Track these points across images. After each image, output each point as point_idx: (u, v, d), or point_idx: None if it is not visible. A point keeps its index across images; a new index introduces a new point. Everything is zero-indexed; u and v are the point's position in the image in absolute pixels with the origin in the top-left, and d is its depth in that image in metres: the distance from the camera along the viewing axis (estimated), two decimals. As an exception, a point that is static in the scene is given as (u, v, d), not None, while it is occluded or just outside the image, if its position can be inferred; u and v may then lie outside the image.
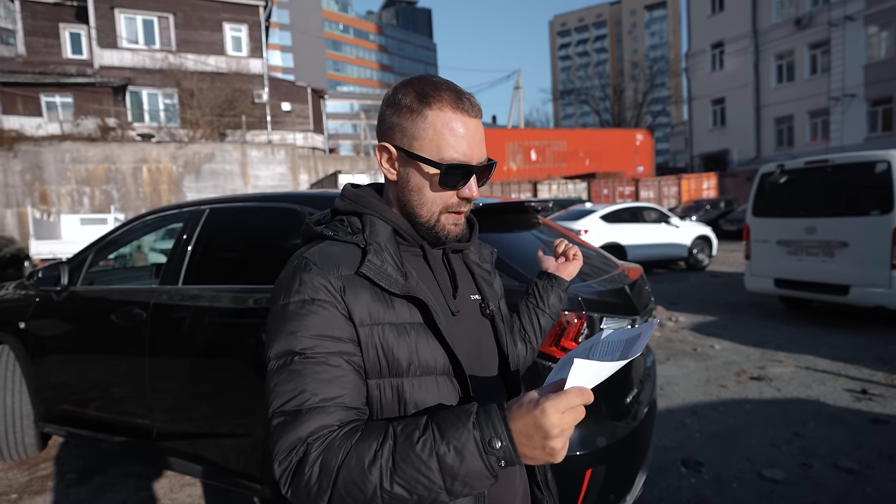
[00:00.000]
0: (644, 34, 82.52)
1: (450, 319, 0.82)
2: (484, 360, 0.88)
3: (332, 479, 0.63)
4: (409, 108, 0.79)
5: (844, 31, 21.31)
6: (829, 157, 5.65)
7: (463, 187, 0.81)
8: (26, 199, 15.16)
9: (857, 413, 3.40)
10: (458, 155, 0.79)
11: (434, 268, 0.85)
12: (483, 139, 0.83)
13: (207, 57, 20.56)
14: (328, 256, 0.78)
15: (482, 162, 0.82)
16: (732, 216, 17.33)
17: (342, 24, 74.08)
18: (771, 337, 5.37)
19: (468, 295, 0.90)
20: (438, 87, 0.80)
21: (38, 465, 3.04)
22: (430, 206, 0.82)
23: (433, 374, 0.77)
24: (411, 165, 0.81)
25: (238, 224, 2.48)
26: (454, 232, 0.84)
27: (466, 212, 0.86)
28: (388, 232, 0.82)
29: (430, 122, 0.78)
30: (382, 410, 0.75)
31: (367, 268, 0.76)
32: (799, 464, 2.78)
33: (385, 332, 0.75)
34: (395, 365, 0.75)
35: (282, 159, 18.21)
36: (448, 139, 0.78)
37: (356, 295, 0.75)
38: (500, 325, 0.93)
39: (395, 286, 0.76)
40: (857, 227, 5.26)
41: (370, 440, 0.63)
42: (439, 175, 0.79)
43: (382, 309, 0.76)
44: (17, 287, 3.12)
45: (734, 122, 26.48)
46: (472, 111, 0.81)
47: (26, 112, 18.08)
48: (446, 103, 0.78)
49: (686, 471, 2.76)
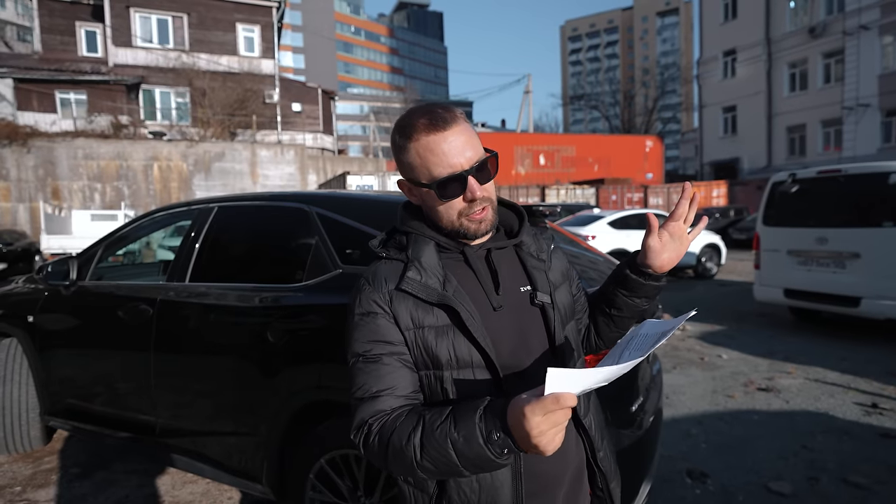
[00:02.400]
0: (656, 41, 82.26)
1: (490, 316, 0.91)
2: (532, 348, 0.94)
3: (385, 451, 0.82)
4: (399, 146, 0.92)
5: (859, 40, 21.12)
6: (842, 167, 5.58)
7: (464, 192, 0.89)
8: (38, 194, 15.35)
9: (867, 427, 3.34)
10: (445, 169, 0.88)
11: (476, 269, 0.94)
12: (468, 143, 0.89)
13: (220, 57, 20.75)
14: (378, 275, 0.93)
15: (474, 163, 0.89)
16: (742, 225, 17.18)
17: (353, 26, 74.50)
18: (779, 348, 5.30)
19: (517, 287, 0.96)
20: (413, 116, 0.90)
21: (43, 459, 3.06)
22: (447, 218, 0.92)
23: (470, 367, 0.89)
24: (419, 191, 0.94)
25: (246, 223, 2.48)
26: (481, 229, 0.92)
27: (489, 208, 0.92)
28: (430, 246, 0.94)
29: (413, 152, 0.90)
30: (431, 395, 0.91)
31: (406, 283, 0.90)
32: (807, 477, 2.73)
33: (426, 334, 0.89)
34: (435, 361, 0.89)
35: (291, 159, 18.31)
36: (431, 160, 0.88)
37: (400, 304, 0.90)
38: (550, 314, 0.96)
39: (431, 296, 0.89)
40: (870, 238, 5.19)
41: (408, 424, 0.81)
42: (436, 192, 0.89)
43: (423, 314, 0.90)
44: (27, 281, 3.15)
45: (745, 131, 26.30)
46: (445, 126, 0.88)
47: (41, 108, 18.33)
48: (420, 130, 0.88)
49: (691, 482, 2.72)
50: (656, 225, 0.99)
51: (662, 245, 0.99)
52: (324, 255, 1.99)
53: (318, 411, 1.91)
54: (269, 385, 1.98)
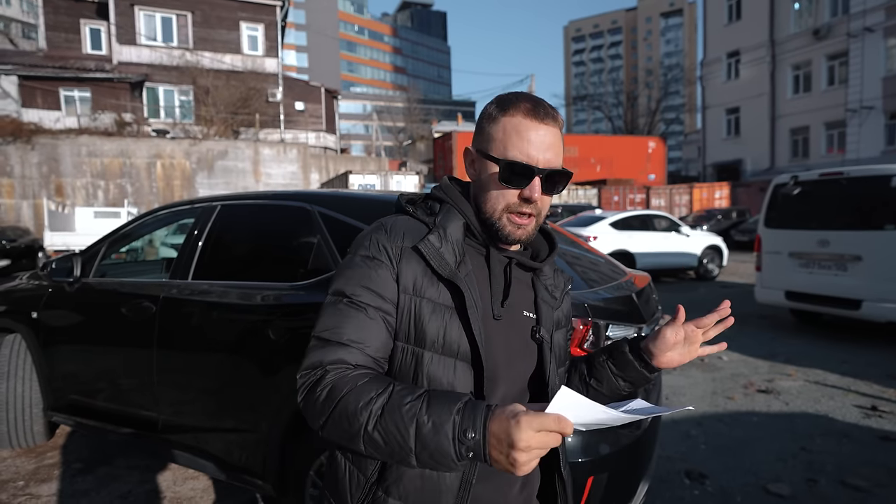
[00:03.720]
0: (659, 41, 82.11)
1: (488, 320, 0.86)
2: (514, 373, 0.88)
3: (333, 405, 0.74)
4: (489, 116, 0.88)
5: (863, 42, 21.05)
6: (845, 170, 5.58)
7: (525, 188, 0.85)
8: (42, 190, 15.40)
9: (867, 430, 3.34)
10: (521, 155, 0.84)
11: (493, 270, 0.89)
12: (555, 147, 0.86)
13: (223, 55, 20.78)
14: (398, 226, 0.88)
15: (549, 167, 0.85)
16: (744, 227, 17.15)
17: (357, 26, 74.53)
18: (780, 350, 5.30)
19: (521, 310, 0.91)
20: (519, 97, 0.87)
21: (45, 454, 3.08)
22: (494, 203, 0.87)
23: (453, 357, 0.82)
24: (483, 164, 0.89)
25: (249, 221, 2.50)
26: (515, 234, 0.87)
27: (534, 221, 0.88)
28: (458, 222, 0.89)
29: (501, 125, 0.86)
30: (399, 372, 0.84)
31: (424, 245, 0.84)
32: (805, 479, 2.74)
33: (422, 305, 0.83)
34: (421, 336, 0.83)
35: (293, 158, 18.33)
36: (513, 140, 0.85)
37: (409, 265, 0.84)
38: (546, 353, 0.91)
39: (442, 268, 0.83)
40: (872, 241, 5.19)
41: (372, 387, 0.74)
42: (499, 171, 0.85)
43: (427, 284, 0.84)
44: (31, 277, 3.17)
45: (748, 132, 26.24)
46: (545, 118, 0.85)
47: (45, 106, 18.39)
48: (520, 110, 0.85)
49: (690, 482, 2.73)
50: (682, 319, 0.93)
51: (675, 341, 0.92)
52: (325, 253, 2.00)
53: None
54: (270, 382, 2.00)
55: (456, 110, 58.85)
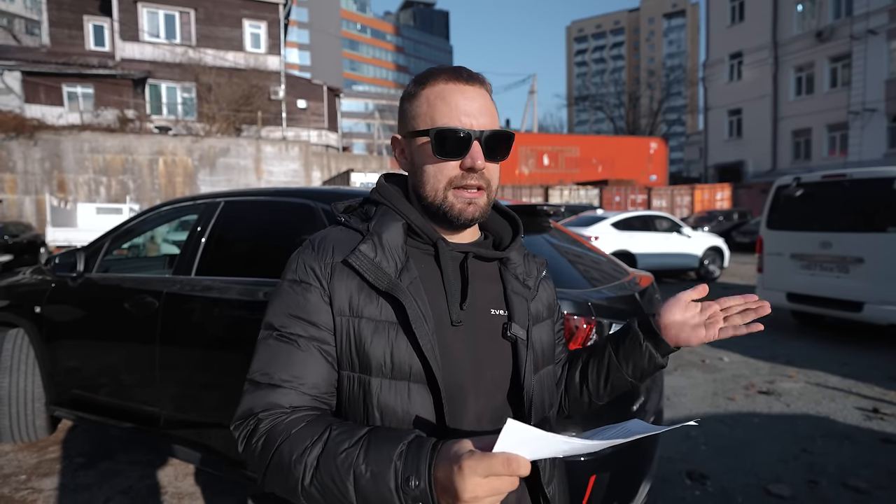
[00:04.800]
0: (662, 42, 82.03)
1: (444, 329, 0.75)
2: (486, 383, 0.77)
3: (269, 458, 0.66)
4: (409, 94, 0.79)
5: (866, 45, 21.01)
6: (847, 172, 5.57)
7: (465, 157, 0.74)
8: (45, 186, 15.42)
9: (868, 432, 3.34)
10: (452, 121, 0.74)
11: (445, 270, 0.77)
12: (487, 108, 0.77)
13: (226, 52, 20.80)
14: (328, 241, 0.78)
15: (486, 129, 0.75)
16: (745, 228, 17.15)
17: (360, 24, 74.51)
18: (781, 351, 5.30)
19: (489, 308, 0.80)
20: (437, 68, 0.79)
21: (48, 448, 3.09)
22: (434, 182, 0.77)
23: (406, 380, 0.72)
24: (413, 146, 0.79)
25: (252, 218, 2.50)
26: (467, 211, 0.76)
27: (485, 195, 0.77)
28: (396, 224, 0.78)
29: (423, 97, 0.77)
30: (348, 405, 0.75)
31: (355, 257, 0.74)
32: (806, 481, 2.74)
33: (361, 326, 0.73)
34: (365, 361, 0.72)
35: (295, 156, 18.34)
36: (440, 108, 0.75)
37: (342, 282, 0.74)
38: (522, 352, 0.79)
39: (380, 280, 0.73)
40: (874, 243, 5.18)
41: (306, 435, 0.65)
42: (432, 144, 0.75)
43: (365, 301, 0.73)
44: (34, 272, 3.18)
45: (750, 134, 26.21)
46: (469, 80, 0.77)
47: (48, 101, 18.42)
48: (440, 78, 0.77)
49: (691, 483, 2.73)
50: (704, 292, 0.83)
51: (690, 307, 0.83)
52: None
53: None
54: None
55: (458, 110, 58.76)
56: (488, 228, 0.89)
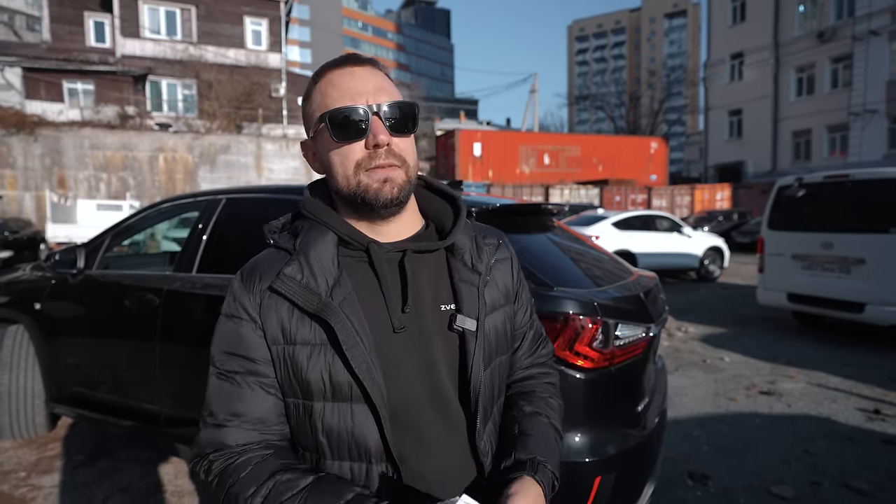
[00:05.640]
0: (663, 42, 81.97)
1: (387, 338, 0.72)
2: (440, 387, 0.74)
3: (220, 500, 0.69)
4: (306, 94, 0.77)
5: (868, 45, 20.99)
6: (850, 172, 5.57)
7: (367, 136, 0.70)
8: (45, 183, 15.40)
9: (870, 433, 3.34)
10: (344, 103, 0.71)
11: (381, 274, 0.73)
12: (381, 86, 0.73)
13: (227, 50, 20.76)
14: (257, 267, 0.76)
15: (383, 102, 0.71)
16: (745, 228, 17.15)
17: (361, 22, 74.42)
18: (782, 352, 5.29)
19: (437, 305, 0.75)
20: (328, 61, 0.76)
21: (47, 445, 3.08)
22: (344, 171, 0.72)
23: (348, 401, 0.70)
24: (318, 143, 0.76)
25: (254, 215, 2.48)
26: (384, 190, 0.71)
27: (400, 171, 0.72)
28: (324, 236, 0.74)
29: (317, 90, 0.74)
30: (297, 428, 0.74)
31: (280, 282, 0.71)
32: (808, 482, 2.73)
33: (296, 353, 0.71)
34: (305, 387, 0.71)
35: (296, 153, 18.32)
36: (331, 94, 0.72)
37: (271, 311, 0.72)
38: (470, 345, 0.74)
39: (308, 303, 0.70)
40: (876, 244, 5.17)
41: (251, 482, 0.67)
42: (330, 129, 0.71)
43: (297, 325, 0.71)
44: (34, 269, 3.16)
45: (751, 134, 26.20)
46: (357, 62, 0.74)
47: (49, 98, 18.38)
48: (330, 68, 0.74)
49: (693, 483, 2.72)
50: None
51: None
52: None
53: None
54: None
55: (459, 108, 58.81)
56: (429, 216, 0.83)
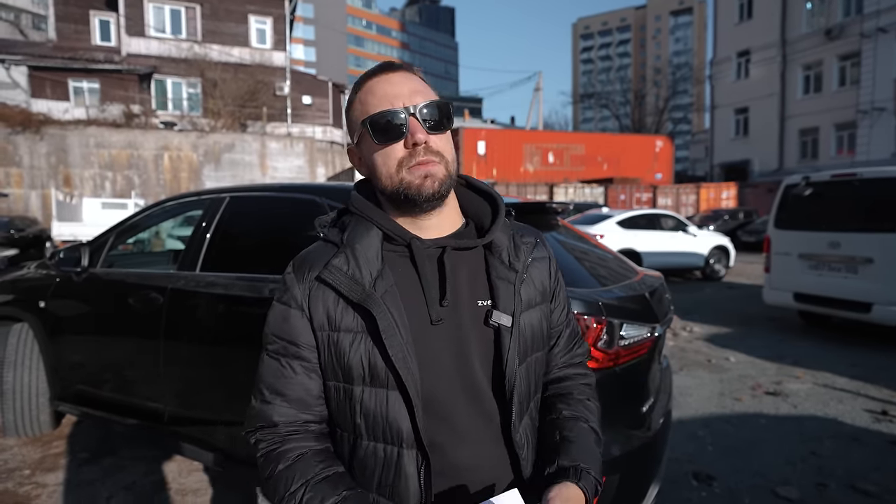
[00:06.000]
0: (668, 40, 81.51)
1: (425, 330, 0.75)
2: (474, 380, 0.77)
3: (265, 476, 0.77)
4: (349, 104, 0.82)
5: (876, 43, 20.80)
6: (857, 171, 5.51)
7: (405, 136, 0.75)
8: (50, 181, 15.48)
9: (877, 434, 3.30)
10: (382, 108, 0.76)
11: (421, 269, 0.77)
12: (417, 88, 0.77)
13: (232, 48, 20.79)
14: (308, 259, 0.81)
15: (420, 103, 0.75)
16: (751, 227, 17.03)
17: (365, 20, 74.42)
18: (788, 352, 5.25)
19: (474, 301, 0.79)
20: (366, 71, 0.81)
21: (52, 443, 3.09)
22: (387, 170, 0.77)
23: (384, 388, 0.74)
24: (362, 146, 0.81)
25: (258, 213, 2.48)
26: (425, 185, 0.75)
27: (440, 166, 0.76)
28: (370, 231, 0.79)
29: (357, 100, 0.80)
30: (337, 412, 0.79)
31: (328, 272, 0.76)
32: (814, 483, 2.71)
33: (340, 339, 0.76)
34: (347, 371, 0.76)
35: (300, 152, 18.35)
36: (371, 101, 0.77)
37: (319, 299, 0.77)
38: (505, 340, 0.77)
39: (353, 293, 0.75)
40: (884, 243, 5.12)
41: (288, 478, 0.74)
42: (371, 133, 0.76)
43: (342, 314, 0.76)
44: (39, 267, 3.17)
45: (757, 133, 26.03)
46: (393, 69, 0.79)
47: (54, 96, 18.47)
48: (367, 77, 0.80)
49: (697, 484, 2.70)
50: None
51: None
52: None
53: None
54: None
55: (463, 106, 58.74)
56: (469, 214, 0.86)
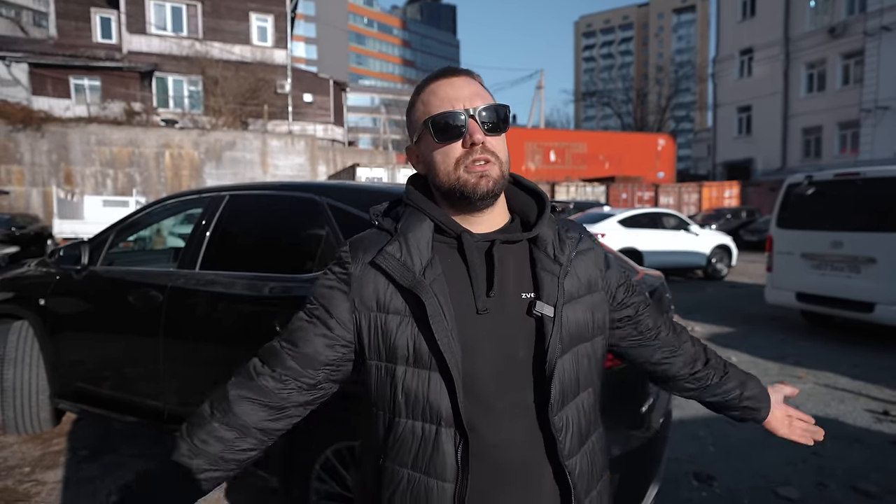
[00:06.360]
0: (671, 38, 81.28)
1: (470, 319, 0.79)
2: (514, 369, 0.81)
3: None
4: (410, 104, 0.88)
5: (880, 41, 20.71)
6: (860, 170, 5.48)
7: (464, 135, 0.80)
8: (52, 178, 15.49)
9: (878, 435, 3.29)
10: (444, 109, 0.81)
11: (470, 260, 0.81)
12: (477, 92, 0.82)
13: (233, 46, 20.77)
14: (360, 243, 0.86)
15: (479, 106, 0.80)
16: (753, 226, 16.99)
17: (366, 18, 74.30)
18: (790, 351, 5.24)
19: (519, 292, 0.82)
20: (428, 74, 0.86)
21: (52, 441, 3.09)
22: (445, 168, 0.82)
23: (426, 369, 0.79)
24: (421, 146, 0.86)
25: (257, 212, 2.48)
26: (481, 185, 0.80)
27: (495, 166, 0.80)
28: (422, 223, 0.83)
29: (420, 101, 0.85)
30: (377, 389, 0.83)
31: (381, 258, 0.81)
32: (815, 483, 2.70)
33: (387, 321, 0.80)
34: (392, 351, 0.80)
35: (301, 150, 18.34)
36: (432, 102, 0.82)
37: (370, 281, 0.82)
38: (547, 329, 0.80)
39: (404, 278, 0.79)
40: (887, 243, 5.10)
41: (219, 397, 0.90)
42: (432, 132, 0.81)
43: (392, 297, 0.81)
44: (39, 264, 3.17)
45: (760, 131, 25.96)
46: (455, 73, 0.84)
47: (55, 94, 18.48)
48: (430, 80, 0.84)
49: (698, 484, 2.70)
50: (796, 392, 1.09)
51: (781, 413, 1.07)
52: (334, 245, 1.98)
53: (326, 402, 1.90)
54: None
55: (464, 105, 58.59)
56: (516, 210, 0.91)
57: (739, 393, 1.03)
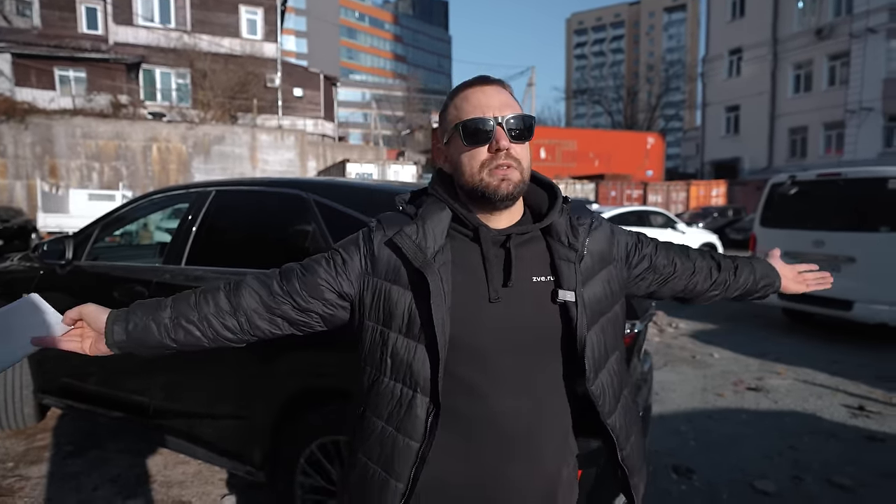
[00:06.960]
0: (662, 36, 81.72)
1: (481, 305, 0.86)
2: (532, 350, 0.89)
3: None
4: (443, 107, 0.95)
5: (866, 43, 21.01)
6: (842, 171, 5.59)
7: (491, 140, 0.87)
8: (36, 171, 15.25)
9: (854, 430, 3.38)
10: (475, 114, 0.87)
11: (486, 252, 0.88)
12: (507, 102, 0.89)
13: (222, 38, 20.54)
14: (385, 221, 0.96)
15: (508, 115, 0.87)
16: (740, 225, 17.20)
17: (358, 12, 73.74)
18: (771, 348, 5.34)
19: (536, 282, 0.89)
20: (463, 81, 0.93)
21: (36, 436, 3.07)
22: (470, 169, 0.88)
23: (415, 341, 0.87)
24: (450, 147, 0.93)
25: (244, 208, 2.47)
26: (502, 187, 0.86)
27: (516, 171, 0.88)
28: (441, 212, 0.91)
29: (453, 105, 0.91)
30: (370, 348, 0.92)
31: (399, 237, 0.89)
32: (791, 477, 2.77)
33: (391, 289, 0.89)
34: (388, 317, 0.90)
35: (291, 145, 18.21)
36: (465, 108, 0.89)
37: (386, 253, 0.91)
38: (573, 313, 0.88)
39: (415, 258, 0.86)
40: (866, 242, 5.21)
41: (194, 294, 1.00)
42: (462, 135, 0.88)
43: (401, 271, 0.89)
44: (23, 259, 3.14)
45: (747, 131, 26.24)
46: (488, 82, 0.90)
47: (39, 85, 18.14)
48: (464, 87, 0.91)
49: (677, 477, 2.76)
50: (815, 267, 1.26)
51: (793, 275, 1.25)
52: (320, 242, 1.99)
53: (312, 397, 1.92)
54: (263, 370, 1.99)
55: (456, 101, 58.47)
56: (529, 203, 0.98)
57: (754, 278, 1.18)
